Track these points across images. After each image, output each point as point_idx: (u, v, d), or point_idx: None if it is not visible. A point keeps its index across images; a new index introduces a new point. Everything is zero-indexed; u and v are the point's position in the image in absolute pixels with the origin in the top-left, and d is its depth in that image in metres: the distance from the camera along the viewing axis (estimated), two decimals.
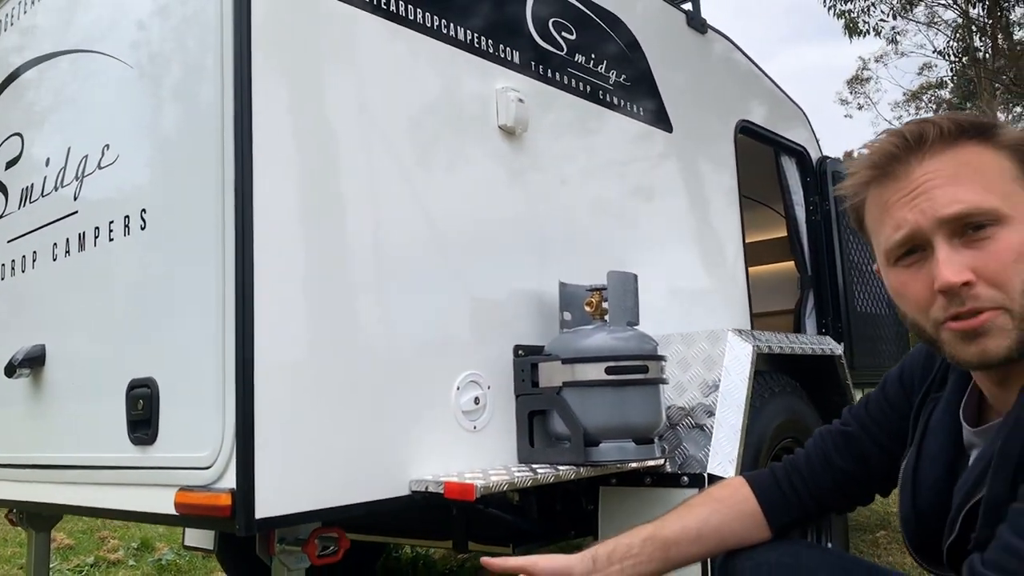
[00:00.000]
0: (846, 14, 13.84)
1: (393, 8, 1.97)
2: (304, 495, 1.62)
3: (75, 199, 2.07)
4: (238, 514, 1.53)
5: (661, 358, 2.12)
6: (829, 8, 13.77)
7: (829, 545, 2.65)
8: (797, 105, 3.94)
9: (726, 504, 1.27)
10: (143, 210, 1.85)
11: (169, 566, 3.84)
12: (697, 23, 3.13)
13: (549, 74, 2.38)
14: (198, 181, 1.69)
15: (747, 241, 3.26)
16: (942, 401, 1.15)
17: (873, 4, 14.10)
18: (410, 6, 2.01)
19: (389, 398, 1.80)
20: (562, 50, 2.44)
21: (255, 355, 1.56)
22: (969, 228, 0.94)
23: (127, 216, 1.89)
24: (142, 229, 1.85)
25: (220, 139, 1.63)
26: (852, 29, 13.96)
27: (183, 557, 3.99)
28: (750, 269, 3.26)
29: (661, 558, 1.20)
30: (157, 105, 1.88)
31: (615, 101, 2.61)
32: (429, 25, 2.05)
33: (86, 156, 2.05)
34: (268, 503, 1.55)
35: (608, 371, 2.01)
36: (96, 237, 1.99)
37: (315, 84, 1.78)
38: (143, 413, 1.77)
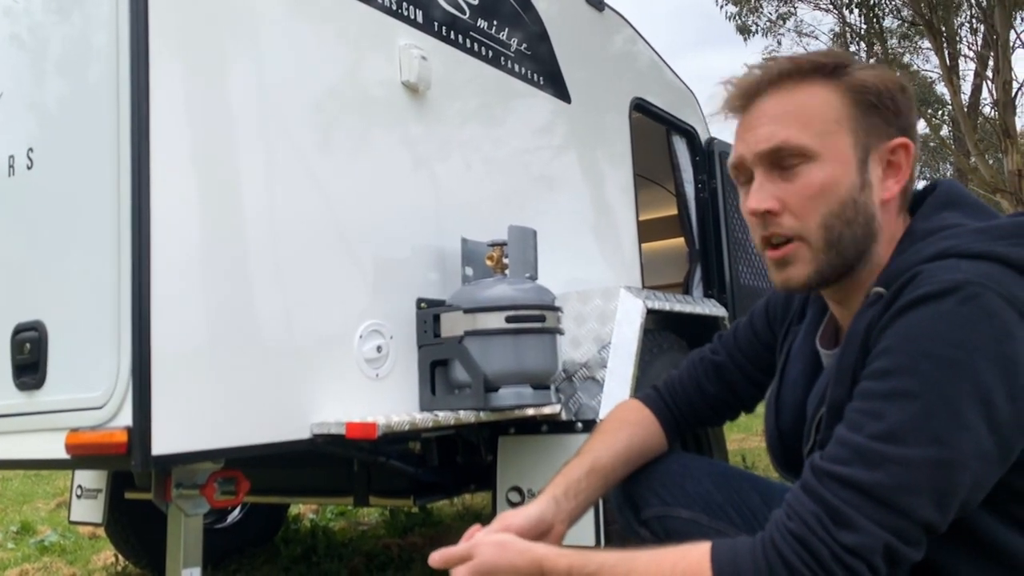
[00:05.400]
0: (735, 16, 14.53)
1: None
2: (202, 433, 1.61)
3: None
4: (134, 450, 1.51)
5: (558, 309, 2.22)
6: (722, 7, 14.41)
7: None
8: (688, 88, 4.13)
9: (641, 427, 1.40)
10: (30, 149, 1.79)
11: (53, 547, 3.66)
12: (595, 0, 3.25)
13: (452, 36, 2.43)
14: (91, 117, 1.65)
15: (640, 218, 3.40)
16: (801, 331, 1.27)
17: (758, 7, 14.83)
18: None
19: (290, 340, 1.81)
20: (465, 13, 2.49)
21: (151, 292, 1.54)
22: (782, 161, 1.06)
23: (11, 156, 1.82)
24: (28, 169, 1.79)
25: (115, 72, 1.59)
26: (744, 29, 14.67)
27: (68, 538, 3.82)
28: (641, 246, 3.40)
29: (602, 485, 1.32)
30: (44, 39, 1.81)
31: (516, 68, 2.69)
32: None
33: None
34: (165, 440, 1.54)
35: (508, 320, 2.08)
36: None
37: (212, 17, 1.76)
38: (29, 357, 1.72)
